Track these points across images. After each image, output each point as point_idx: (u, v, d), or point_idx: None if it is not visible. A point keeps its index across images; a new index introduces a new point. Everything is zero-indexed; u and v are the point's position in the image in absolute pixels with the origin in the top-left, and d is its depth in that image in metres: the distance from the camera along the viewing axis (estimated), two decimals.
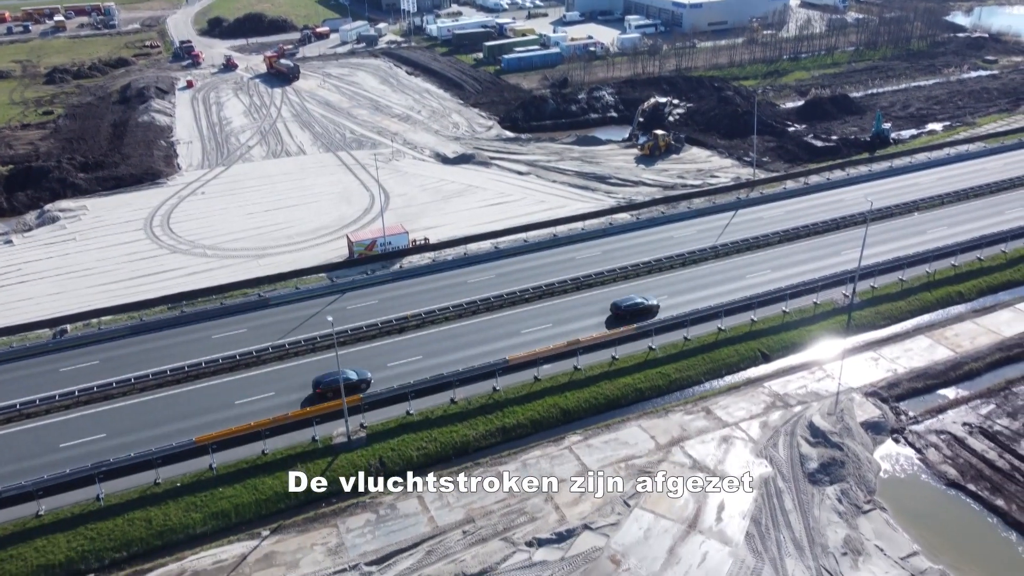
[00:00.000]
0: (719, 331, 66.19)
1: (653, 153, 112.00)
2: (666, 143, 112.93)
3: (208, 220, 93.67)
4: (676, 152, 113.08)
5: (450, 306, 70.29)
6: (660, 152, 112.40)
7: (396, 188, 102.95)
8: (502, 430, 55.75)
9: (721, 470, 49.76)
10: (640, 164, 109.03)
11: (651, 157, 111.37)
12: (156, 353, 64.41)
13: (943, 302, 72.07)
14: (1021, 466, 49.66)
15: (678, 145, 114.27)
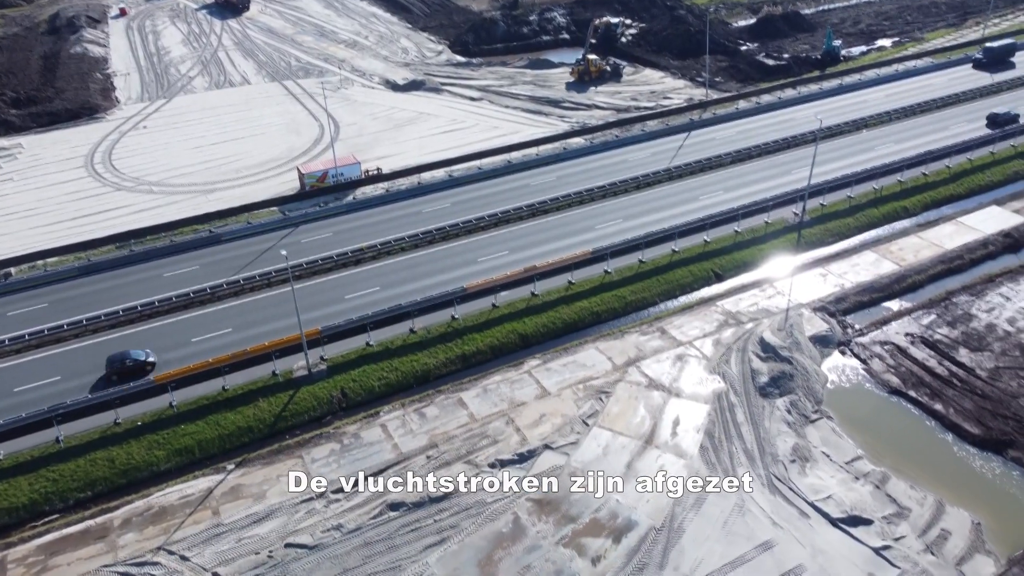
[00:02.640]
0: (673, 253, 67.15)
1: (583, 78, 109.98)
2: (598, 68, 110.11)
3: (152, 155, 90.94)
4: (616, 79, 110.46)
5: (406, 236, 69.93)
6: (591, 77, 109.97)
7: (346, 117, 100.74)
8: (462, 357, 56.41)
9: (676, 388, 51.26)
10: (571, 90, 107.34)
11: (582, 83, 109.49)
12: (107, 294, 63.26)
13: (889, 217, 73.85)
14: (959, 372, 52.02)
15: (609, 70, 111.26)
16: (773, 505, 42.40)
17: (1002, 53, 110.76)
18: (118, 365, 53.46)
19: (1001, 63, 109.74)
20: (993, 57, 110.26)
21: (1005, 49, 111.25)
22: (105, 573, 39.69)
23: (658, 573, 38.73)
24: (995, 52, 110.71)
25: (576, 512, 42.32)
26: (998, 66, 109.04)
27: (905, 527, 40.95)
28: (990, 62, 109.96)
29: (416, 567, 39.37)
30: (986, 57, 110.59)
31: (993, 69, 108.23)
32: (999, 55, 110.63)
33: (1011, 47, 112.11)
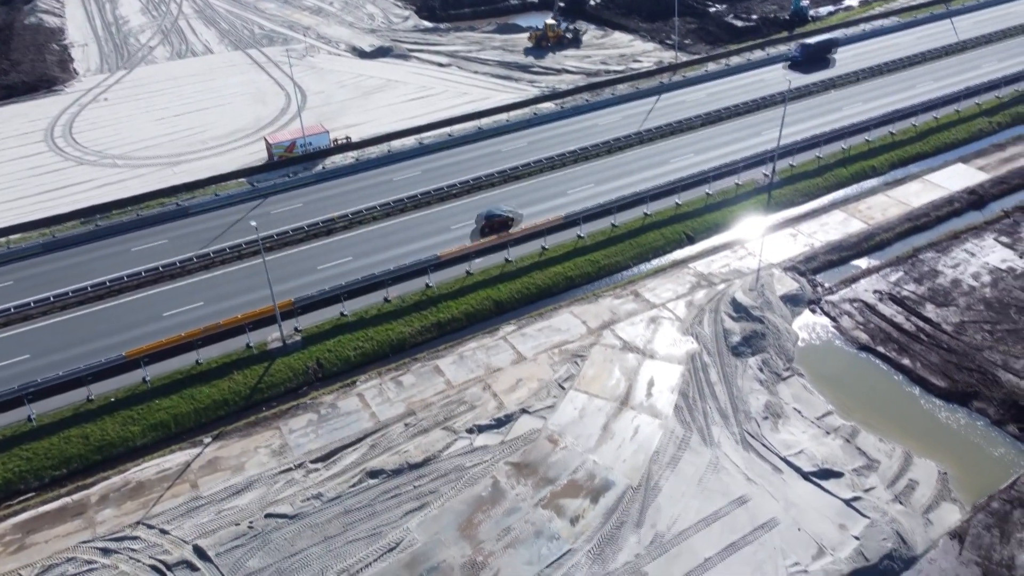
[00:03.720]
0: (645, 216, 67.40)
1: (540, 44, 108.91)
2: (557, 34, 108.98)
3: (114, 128, 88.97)
4: (575, 45, 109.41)
5: (377, 205, 69.39)
6: (549, 43, 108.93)
7: (312, 86, 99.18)
8: (437, 325, 56.44)
9: (650, 349, 51.79)
10: (529, 56, 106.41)
11: (539, 48, 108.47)
12: (73, 270, 62.20)
13: (857, 177, 74.62)
14: (925, 327, 53.11)
15: (569, 36, 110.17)
16: (747, 461, 43.25)
17: (820, 50, 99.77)
18: (487, 220, 64.13)
19: (819, 61, 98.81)
20: (809, 54, 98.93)
21: (823, 45, 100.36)
22: (84, 549, 39.56)
23: (635, 531, 39.46)
24: (812, 49, 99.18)
25: (554, 474, 42.86)
26: (814, 64, 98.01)
27: (874, 479, 42.02)
28: (805, 60, 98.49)
29: (397, 533, 39.72)
30: (802, 55, 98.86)
31: (807, 68, 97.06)
32: (816, 52, 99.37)
33: (830, 43, 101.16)
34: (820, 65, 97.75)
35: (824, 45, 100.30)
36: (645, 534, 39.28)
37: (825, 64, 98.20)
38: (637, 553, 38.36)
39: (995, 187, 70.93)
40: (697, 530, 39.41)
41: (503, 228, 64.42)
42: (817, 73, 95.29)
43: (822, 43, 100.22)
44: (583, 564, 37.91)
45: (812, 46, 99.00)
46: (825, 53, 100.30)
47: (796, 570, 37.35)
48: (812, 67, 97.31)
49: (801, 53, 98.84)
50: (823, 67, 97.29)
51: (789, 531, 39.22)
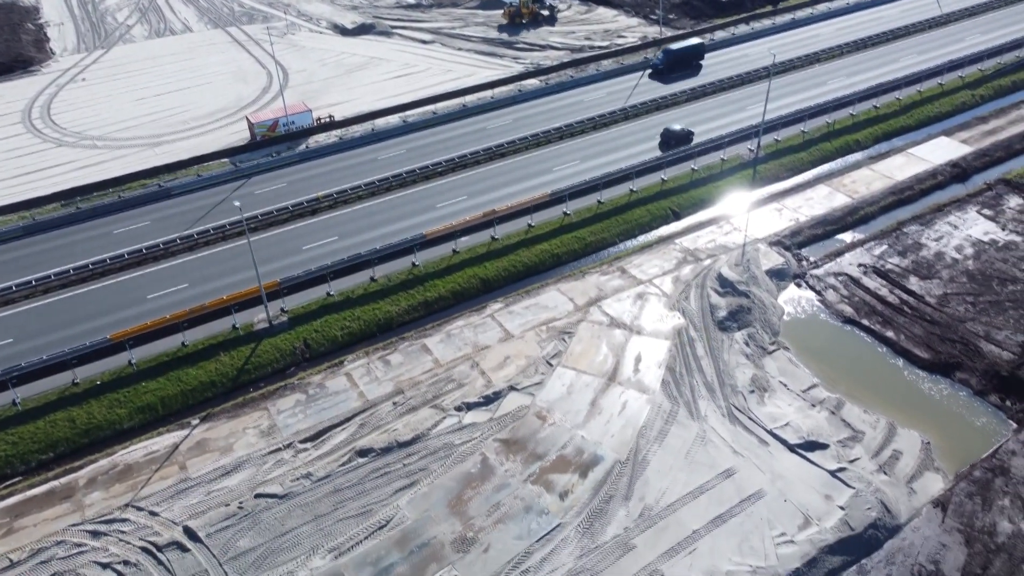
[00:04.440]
0: (631, 192, 67.34)
1: (514, 20, 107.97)
2: (531, 11, 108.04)
3: (94, 108, 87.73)
4: (551, 23, 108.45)
5: (362, 184, 68.91)
6: (522, 20, 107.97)
7: (294, 64, 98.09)
8: (424, 304, 56.35)
9: (637, 325, 51.96)
10: (503, 33, 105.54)
11: (513, 26, 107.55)
12: (55, 253, 61.54)
13: (842, 151, 74.80)
14: (909, 300, 53.54)
15: (545, 13, 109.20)
16: (733, 434, 43.63)
17: (685, 56, 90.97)
18: (667, 136, 71.74)
19: (684, 68, 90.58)
20: (673, 61, 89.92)
21: (690, 51, 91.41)
22: (73, 532, 39.49)
23: (624, 504, 39.80)
24: (676, 56, 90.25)
25: (543, 450, 43.09)
26: (679, 72, 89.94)
27: (859, 449, 42.51)
28: (667, 68, 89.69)
29: (387, 510, 39.88)
30: (664, 62, 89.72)
31: (669, 77, 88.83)
32: (681, 59, 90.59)
33: (697, 48, 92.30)
34: (684, 73, 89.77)
35: (689, 52, 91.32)
36: (634, 507, 39.63)
37: (690, 71, 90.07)
38: (626, 526, 38.72)
39: (978, 160, 71.34)
40: (685, 503, 39.80)
41: (685, 142, 73.01)
42: (680, 82, 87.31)
43: (687, 49, 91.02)
44: (572, 538, 38.25)
45: (677, 52, 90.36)
46: (691, 60, 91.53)
47: (782, 540, 37.84)
48: (675, 75, 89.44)
49: (665, 60, 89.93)
50: (688, 75, 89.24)
51: (775, 502, 39.68)
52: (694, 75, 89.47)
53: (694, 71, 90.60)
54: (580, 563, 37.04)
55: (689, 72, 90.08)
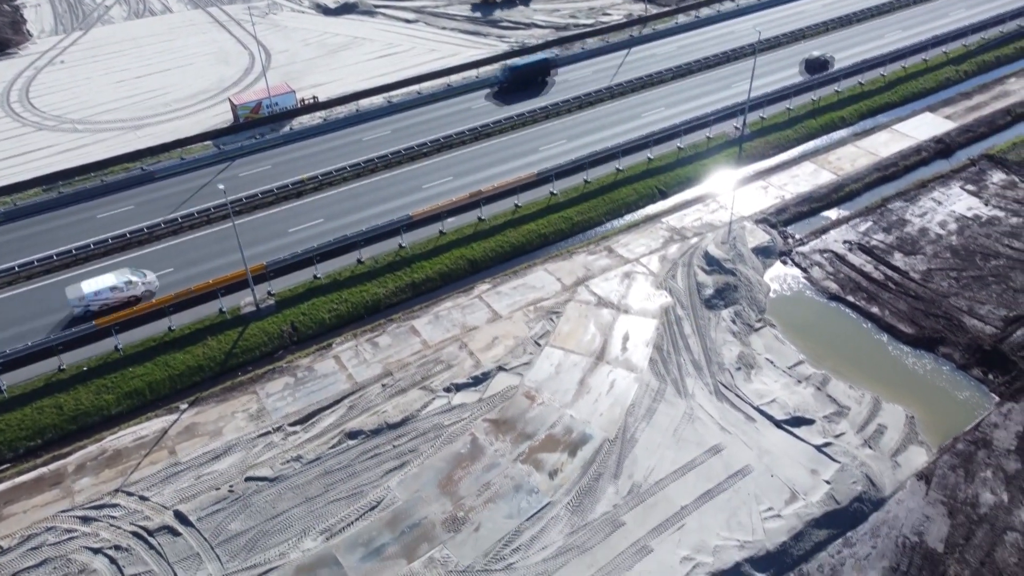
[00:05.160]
0: (617, 171, 67.30)
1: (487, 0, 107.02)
2: None
3: (73, 91, 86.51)
4: (524, 3, 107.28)
5: (347, 166, 68.49)
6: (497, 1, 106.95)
7: (277, 44, 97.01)
8: (412, 285, 56.29)
9: (625, 304, 52.14)
10: (477, 12, 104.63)
11: (487, 5, 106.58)
12: (37, 239, 60.94)
13: (827, 128, 74.95)
14: (894, 276, 53.97)
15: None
16: (721, 411, 44.01)
17: (531, 72, 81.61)
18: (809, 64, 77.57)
19: (530, 84, 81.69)
20: (517, 78, 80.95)
21: (535, 67, 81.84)
22: (63, 518, 39.46)
23: (613, 482, 40.15)
24: (521, 72, 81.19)
25: (532, 430, 43.34)
26: (524, 89, 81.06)
27: (845, 424, 43.02)
28: (512, 86, 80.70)
29: (378, 491, 40.06)
30: (507, 79, 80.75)
31: (513, 96, 79.74)
32: (527, 75, 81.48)
33: (544, 64, 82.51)
34: (530, 92, 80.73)
35: (536, 67, 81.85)
36: (622, 485, 39.99)
37: (537, 89, 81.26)
38: (615, 504, 39.09)
39: (962, 135, 71.70)
40: (673, 479, 40.19)
41: (825, 68, 77.67)
42: (524, 103, 78.37)
43: (533, 64, 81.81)
44: (562, 516, 38.59)
45: (522, 67, 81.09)
46: (538, 76, 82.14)
47: (770, 515, 38.33)
48: (520, 93, 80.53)
49: (507, 77, 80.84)
50: (533, 94, 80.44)
51: (762, 478, 40.15)
52: (540, 93, 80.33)
53: (541, 88, 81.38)
54: (570, 540, 37.41)
55: (534, 91, 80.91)
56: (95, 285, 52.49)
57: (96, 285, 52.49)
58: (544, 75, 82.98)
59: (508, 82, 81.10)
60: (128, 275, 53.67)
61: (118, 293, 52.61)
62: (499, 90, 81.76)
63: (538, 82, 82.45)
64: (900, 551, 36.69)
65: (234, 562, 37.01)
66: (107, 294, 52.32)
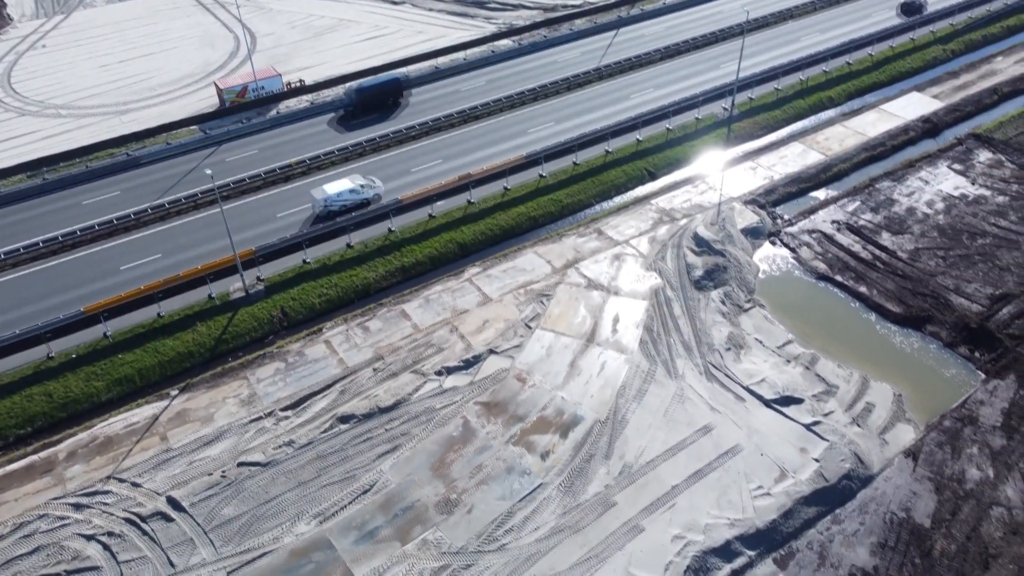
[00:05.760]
0: (607, 153, 67.20)
1: None
2: None
3: (56, 76, 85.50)
4: None
5: (335, 150, 68.07)
6: None
7: (262, 28, 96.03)
8: (402, 269, 56.19)
9: (615, 286, 52.25)
10: None
11: None
12: (22, 225, 60.41)
13: (815, 108, 74.98)
14: (881, 255, 54.27)
15: None
16: (711, 392, 44.29)
17: (381, 94, 74.70)
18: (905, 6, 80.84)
19: (380, 107, 74.59)
20: (366, 101, 73.73)
21: (385, 88, 74.88)
22: (55, 505, 39.42)
23: (604, 463, 40.41)
24: (370, 94, 73.98)
25: (523, 412, 43.50)
26: (373, 112, 74.01)
27: (833, 403, 43.38)
28: (360, 109, 73.66)
29: (370, 475, 40.19)
30: (353, 102, 73.54)
31: (359, 122, 72.88)
32: (376, 98, 74.42)
33: (394, 84, 75.32)
34: (381, 114, 74.11)
35: (385, 88, 74.93)
36: (614, 465, 40.26)
37: (388, 111, 74.54)
38: (607, 484, 39.37)
39: (949, 115, 71.91)
40: (664, 459, 40.49)
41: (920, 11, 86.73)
42: (372, 127, 71.82)
43: (383, 85, 74.78)
44: (554, 497, 38.85)
45: (369, 90, 74.12)
46: (389, 98, 75.38)
47: (759, 493, 38.71)
48: (369, 117, 73.70)
49: (358, 98, 73.72)
50: (384, 116, 73.86)
51: (752, 456, 40.50)
52: (391, 115, 73.80)
53: (393, 110, 74.77)
54: (562, 521, 37.68)
55: (385, 112, 74.17)
56: (336, 188, 59.90)
57: (336, 188, 59.94)
58: (396, 96, 75.63)
59: (355, 105, 73.56)
60: (361, 180, 61.15)
61: (354, 195, 60.09)
62: (345, 114, 74.12)
63: (389, 104, 75.20)
64: (888, 527, 37.16)
65: (228, 547, 37.12)
66: (346, 196, 59.83)
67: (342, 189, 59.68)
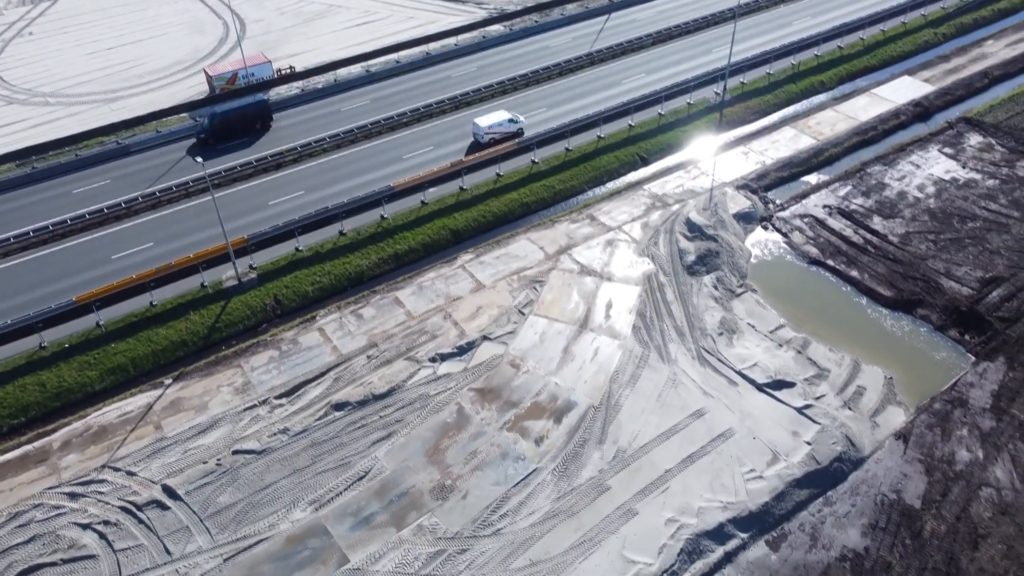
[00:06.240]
0: (599, 139, 67.13)
1: None
2: None
3: (43, 64, 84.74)
4: None
5: (326, 137, 67.82)
6: None
7: (251, 13, 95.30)
8: (395, 256, 56.16)
9: (608, 272, 52.36)
10: None
11: None
12: (12, 215, 60.06)
13: (807, 92, 75.01)
14: (873, 239, 54.50)
15: None
16: (703, 376, 44.54)
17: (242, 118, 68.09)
18: None
19: (242, 132, 68.25)
20: (224, 126, 67.20)
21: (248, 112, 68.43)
22: (50, 495, 39.45)
23: (598, 448, 40.65)
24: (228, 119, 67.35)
25: (517, 398, 43.67)
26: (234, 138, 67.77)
27: (825, 387, 43.70)
28: (217, 135, 67.02)
29: (365, 462, 40.34)
30: (210, 127, 66.72)
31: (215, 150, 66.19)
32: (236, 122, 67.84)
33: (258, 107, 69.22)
34: (242, 141, 67.78)
35: (248, 111, 68.62)
36: (607, 450, 40.51)
37: (251, 138, 68.13)
38: (600, 468, 39.62)
39: (940, 98, 72.05)
40: (657, 444, 40.76)
41: None
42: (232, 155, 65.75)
43: (245, 109, 68.53)
44: (549, 482, 39.09)
45: (227, 115, 67.48)
46: (254, 122, 69.04)
47: (752, 476, 39.02)
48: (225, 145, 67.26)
49: (208, 125, 67.10)
50: (246, 144, 67.38)
51: (745, 440, 40.80)
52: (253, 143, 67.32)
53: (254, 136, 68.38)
54: (557, 505, 37.94)
55: (248, 139, 67.89)
56: (490, 120, 66.18)
57: (491, 120, 66.19)
58: (262, 120, 69.27)
59: (212, 131, 66.80)
60: (508, 115, 67.02)
61: (505, 127, 66.11)
62: (200, 141, 67.30)
63: (256, 129, 68.93)
64: (879, 508, 37.55)
65: (224, 534, 37.26)
66: (498, 127, 65.88)
67: (495, 122, 65.72)
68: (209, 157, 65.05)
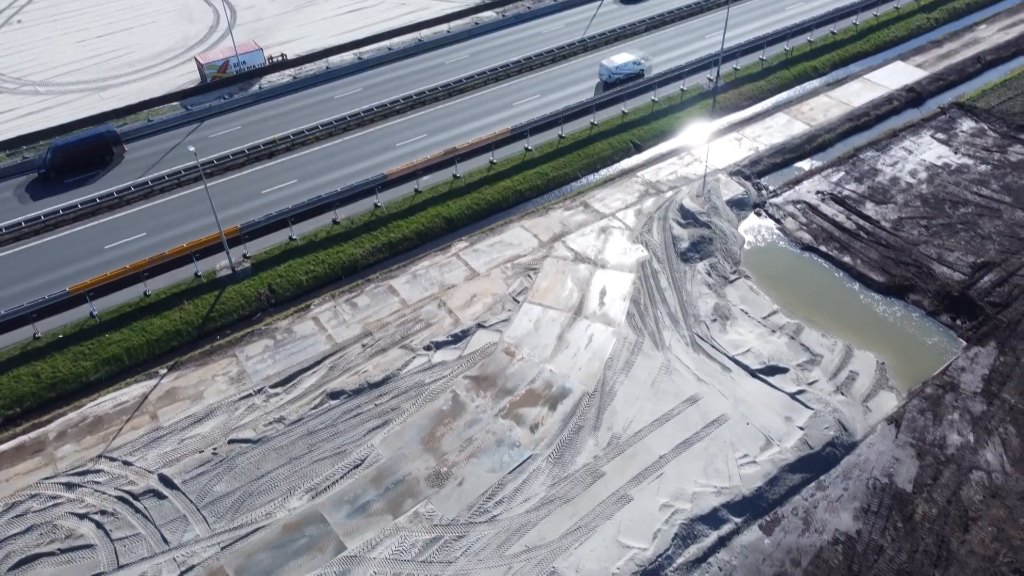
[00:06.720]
0: (592, 126, 67.06)
1: None
2: None
3: (33, 52, 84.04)
4: None
5: (319, 125, 67.58)
6: None
7: (242, 0, 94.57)
8: (389, 245, 56.14)
9: (602, 259, 52.47)
10: None
11: None
12: (3, 205, 59.75)
13: (800, 78, 74.99)
14: (865, 225, 54.71)
15: None
16: (697, 363, 44.78)
17: (85, 151, 62.48)
18: None
19: (86, 166, 62.72)
20: (67, 161, 61.63)
21: (90, 144, 62.69)
22: (47, 485, 39.53)
23: (593, 434, 40.90)
24: (69, 152, 61.89)
25: (512, 385, 43.86)
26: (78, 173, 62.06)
27: (817, 372, 43.99)
28: (59, 170, 61.40)
29: (361, 450, 40.51)
30: (51, 162, 61.20)
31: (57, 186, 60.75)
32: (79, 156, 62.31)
33: (101, 140, 63.23)
34: (87, 175, 62.31)
35: (90, 144, 62.90)
36: (602, 437, 40.76)
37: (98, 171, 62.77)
38: (595, 455, 39.88)
39: (932, 84, 72.14)
40: (651, 430, 41.02)
41: None
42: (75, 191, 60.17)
43: (87, 142, 62.86)
44: (544, 468, 39.34)
45: (68, 148, 61.88)
46: (98, 155, 63.28)
47: (745, 461, 39.34)
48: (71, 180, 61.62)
49: (49, 159, 61.57)
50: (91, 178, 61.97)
51: (738, 426, 41.10)
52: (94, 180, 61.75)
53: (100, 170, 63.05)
54: (552, 492, 38.20)
55: (93, 173, 62.44)
56: (619, 60, 72.36)
57: (620, 60, 72.39)
58: (105, 153, 63.66)
59: (53, 166, 61.44)
60: (632, 56, 73.20)
61: (636, 67, 72.22)
62: (40, 176, 61.92)
63: (104, 161, 63.64)
64: (871, 492, 37.93)
65: (221, 523, 37.43)
66: (626, 68, 71.79)
67: (624, 62, 71.48)
68: (51, 193, 60.10)
